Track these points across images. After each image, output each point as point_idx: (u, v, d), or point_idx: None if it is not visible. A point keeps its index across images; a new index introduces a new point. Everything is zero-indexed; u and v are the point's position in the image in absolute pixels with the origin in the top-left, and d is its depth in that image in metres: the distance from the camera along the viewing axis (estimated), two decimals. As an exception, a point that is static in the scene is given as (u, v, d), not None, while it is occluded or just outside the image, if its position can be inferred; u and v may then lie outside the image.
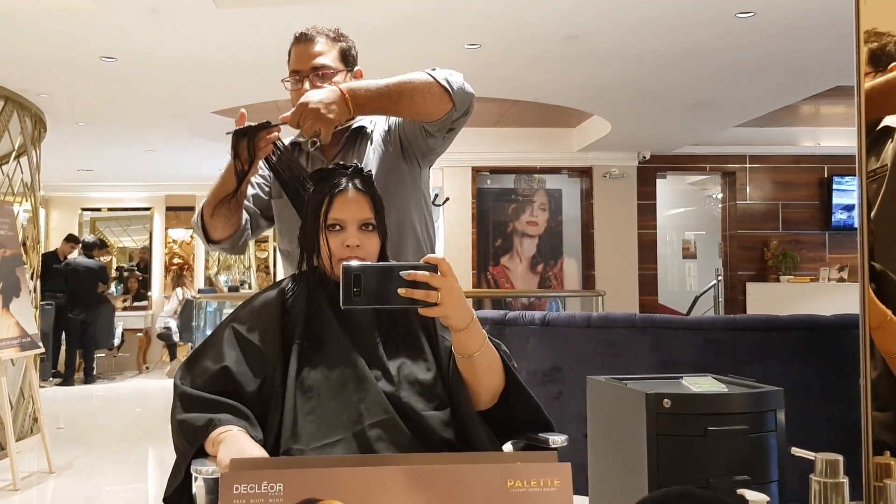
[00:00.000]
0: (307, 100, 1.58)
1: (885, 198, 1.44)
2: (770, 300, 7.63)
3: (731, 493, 1.24)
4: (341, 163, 1.54)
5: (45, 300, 6.87)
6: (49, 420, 5.03)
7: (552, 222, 8.24)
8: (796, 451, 1.38)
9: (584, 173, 8.05)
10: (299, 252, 1.55)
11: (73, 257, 8.46)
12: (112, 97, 5.53)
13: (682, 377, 2.26)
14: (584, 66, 4.94)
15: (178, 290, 9.28)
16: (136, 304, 9.82)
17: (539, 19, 4.10)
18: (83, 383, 8.13)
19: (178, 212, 9.99)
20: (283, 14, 3.87)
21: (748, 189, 8.11)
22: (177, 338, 8.95)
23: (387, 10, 3.89)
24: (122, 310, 9.47)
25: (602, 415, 2.27)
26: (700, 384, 2.14)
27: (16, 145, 5.28)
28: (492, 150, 7.68)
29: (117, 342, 9.02)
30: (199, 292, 9.36)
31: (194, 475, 1.30)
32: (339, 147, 1.88)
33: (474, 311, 1.35)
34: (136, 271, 9.99)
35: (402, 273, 1.26)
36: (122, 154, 7.79)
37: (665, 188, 8.91)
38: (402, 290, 1.25)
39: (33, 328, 4.49)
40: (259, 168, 1.84)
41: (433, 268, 1.27)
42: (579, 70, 5.04)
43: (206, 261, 10.14)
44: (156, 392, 7.72)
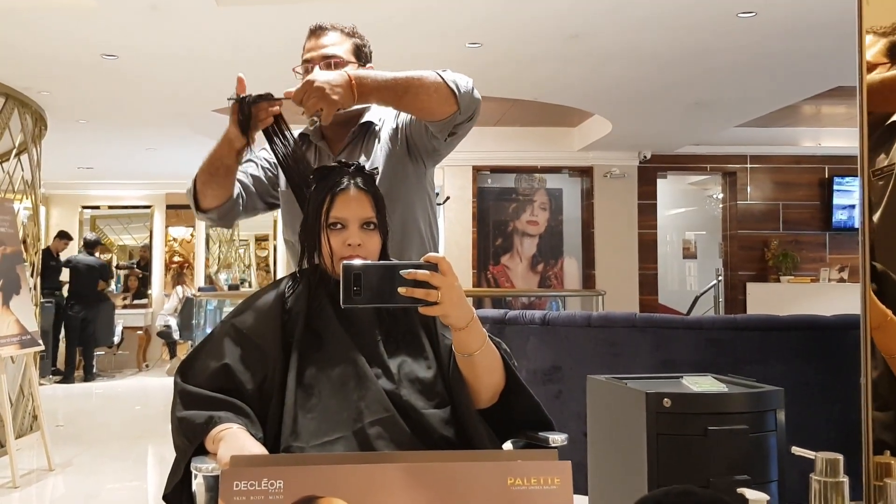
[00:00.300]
0: (313, 78, 1.57)
1: (893, 196, 1.43)
2: (770, 300, 7.63)
3: (731, 492, 1.24)
4: (343, 161, 1.54)
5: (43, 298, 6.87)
6: (49, 418, 5.03)
7: (553, 222, 8.24)
8: (796, 450, 1.38)
9: (585, 173, 8.05)
10: (300, 247, 1.54)
11: (74, 255, 8.47)
12: (113, 95, 5.53)
13: (682, 377, 2.27)
14: (585, 65, 4.94)
15: (179, 288, 9.28)
16: (136, 302, 9.83)
17: (540, 18, 4.10)
18: (83, 381, 8.13)
19: (179, 210, 9.99)
20: (283, 12, 3.87)
21: (749, 189, 8.12)
22: (177, 336, 8.95)
23: (387, 9, 3.89)
24: (122, 308, 9.47)
25: (602, 414, 2.27)
26: (700, 384, 2.14)
27: (16, 143, 5.28)
28: (492, 149, 7.68)
29: (117, 340, 9.03)
30: (200, 290, 9.35)
31: (194, 472, 1.30)
32: (347, 142, 1.88)
33: (475, 310, 1.35)
34: (135, 268, 9.98)
35: (402, 272, 1.26)
36: (122, 152, 7.79)
37: (666, 188, 8.91)
38: (402, 289, 1.25)
39: (33, 325, 4.49)
40: (268, 155, 1.84)
41: (433, 267, 1.26)
42: (580, 69, 5.04)
43: (207, 259, 10.14)
44: (156, 390, 7.72)
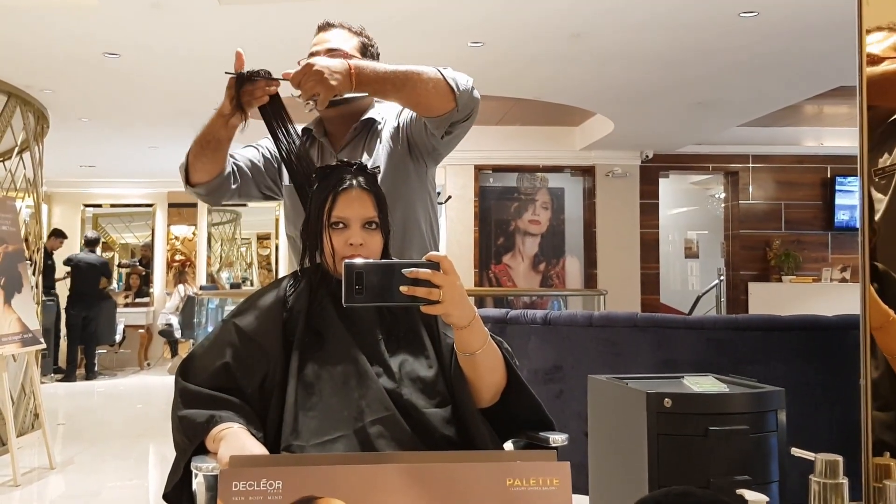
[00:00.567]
0: (313, 61, 1.58)
1: (894, 196, 1.43)
2: (772, 300, 7.62)
3: (732, 493, 1.24)
4: (346, 160, 1.54)
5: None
6: (50, 416, 5.04)
7: (554, 221, 8.23)
8: (796, 451, 1.38)
9: (587, 172, 8.04)
10: (302, 246, 1.54)
11: (75, 253, 8.48)
12: (115, 93, 5.53)
13: (683, 377, 2.26)
14: (587, 64, 4.93)
15: (180, 286, 9.28)
16: (137, 301, 9.83)
17: (542, 18, 4.10)
18: (84, 379, 8.14)
19: (181, 208, 10.00)
20: (284, 11, 3.87)
21: (751, 189, 8.11)
22: (178, 334, 8.95)
23: (389, 8, 3.89)
24: (124, 306, 9.48)
25: (603, 414, 2.27)
26: (701, 384, 2.13)
27: (18, 141, 5.28)
28: (494, 148, 7.68)
29: (119, 338, 9.03)
30: (201, 289, 9.36)
31: (194, 472, 1.30)
32: (349, 139, 1.88)
33: (476, 309, 1.34)
34: (138, 266, 9.99)
35: (404, 271, 1.26)
36: (124, 150, 7.80)
37: (668, 187, 8.91)
38: (404, 288, 1.25)
39: (35, 324, 4.49)
40: (270, 145, 1.84)
41: (435, 265, 1.26)
42: (582, 69, 5.03)
43: (208, 257, 10.15)
44: (157, 389, 7.73)
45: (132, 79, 5.11)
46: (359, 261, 1.29)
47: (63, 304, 8.25)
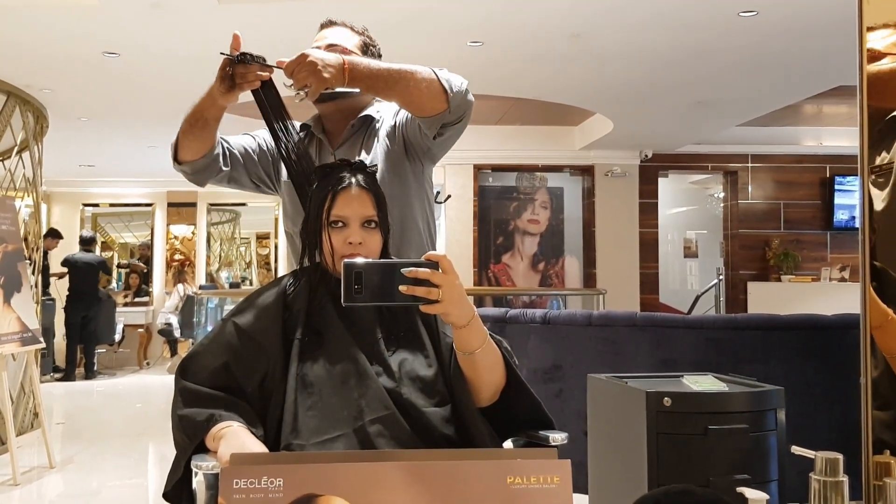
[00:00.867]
0: (308, 52, 1.58)
1: (892, 194, 1.43)
2: (771, 300, 7.63)
3: (731, 491, 1.24)
4: (345, 158, 1.54)
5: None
6: (49, 415, 5.04)
7: (554, 220, 8.23)
8: (796, 449, 1.38)
9: (586, 171, 8.05)
10: (301, 245, 1.55)
11: (72, 253, 8.46)
12: (114, 93, 5.53)
13: (682, 376, 2.27)
14: (587, 64, 4.93)
15: (180, 286, 9.29)
16: (137, 300, 9.83)
17: (541, 17, 4.10)
18: (84, 378, 8.14)
19: (180, 208, 10.00)
20: (284, 10, 3.87)
21: (750, 188, 8.11)
22: (178, 334, 8.95)
23: (389, 8, 3.89)
24: (123, 305, 9.48)
25: (602, 413, 2.27)
26: (700, 383, 2.14)
27: (18, 140, 5.28)
28: (493, 147, 7.68)
29: (118, 338, 9.03)
30: (201, 288, 9.36)
31: (194, 470, 1.31)
32: (347, 136, 1.88)
33: (475, 309, 1.35)
34: (139, 262, 9.99)
35: (403, 270, 1.26)
36: (123, 150, 7.79)
37: (667, 187, 8.91)
38: (403, 288, 1.25)
39: (34, 323, 4.49)
40: (268, 137, 1.84)
41: (434, 265, 1.26)
42: (581, 68, 5.04)
43: (208, 257, 10.15)
44: (156, 388, 7.72)
45: (132, 78, 5.11)
46: (358, 260, 1.29)
47: (60, 304, 8.24)
